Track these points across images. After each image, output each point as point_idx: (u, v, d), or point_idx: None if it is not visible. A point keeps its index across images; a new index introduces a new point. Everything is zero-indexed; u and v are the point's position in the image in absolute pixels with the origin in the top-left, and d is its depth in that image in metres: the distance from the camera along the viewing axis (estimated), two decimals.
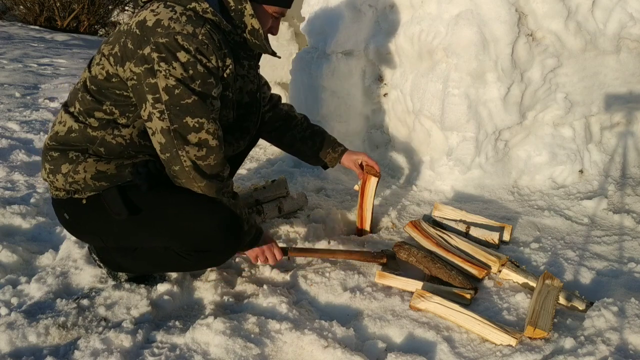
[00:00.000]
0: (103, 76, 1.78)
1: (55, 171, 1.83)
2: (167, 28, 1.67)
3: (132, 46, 1.71)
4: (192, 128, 1.72)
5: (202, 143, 1.74)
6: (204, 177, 1.77)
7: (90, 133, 1.80)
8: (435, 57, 2.91)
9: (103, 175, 1.81)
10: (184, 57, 1.68)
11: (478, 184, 2.92)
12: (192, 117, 1.71)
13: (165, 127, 1.72)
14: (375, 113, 3.32)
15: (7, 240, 2.28)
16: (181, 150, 1.73)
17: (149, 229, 1.85)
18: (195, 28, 1.69)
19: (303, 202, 2.69)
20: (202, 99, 1.72)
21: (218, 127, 1.77)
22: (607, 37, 2.90)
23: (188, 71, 1.68)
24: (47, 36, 8.74)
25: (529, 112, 2.97)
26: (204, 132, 1.73)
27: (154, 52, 1.67)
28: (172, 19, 1.69)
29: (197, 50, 1.68)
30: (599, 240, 2.47)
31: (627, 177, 3.04)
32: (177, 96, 1.69)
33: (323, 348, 1.71)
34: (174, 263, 1.94)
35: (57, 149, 1.84)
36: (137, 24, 1.72)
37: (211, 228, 1.82)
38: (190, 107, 1.70)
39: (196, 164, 1.75)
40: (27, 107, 4.31)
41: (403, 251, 2.22)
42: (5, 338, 1.73)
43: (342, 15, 3.09)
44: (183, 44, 1.67)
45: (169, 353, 1.71)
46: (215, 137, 1.76)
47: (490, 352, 1.74)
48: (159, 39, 1.67)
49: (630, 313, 1.84)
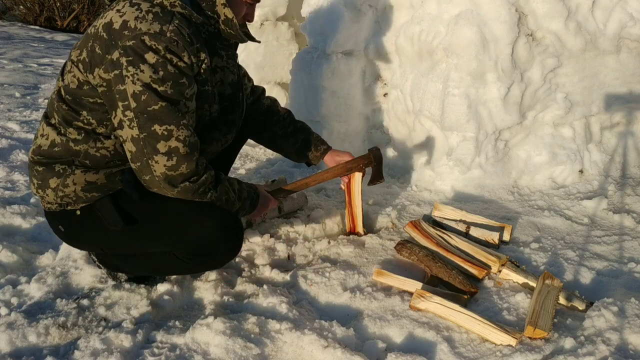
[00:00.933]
0: (75, 84, 1.72)
1: (44, 186, 1.80)
2: (134, 30, 1.61)
3: (100, 51, 1.65)
4: (160, 136, 1.65)
5: (172, 151, 1.67)
6: (175, 186, 1.72)
7: (73, 147, 1.76)
8: (435, 57, 2.91)
9: (93, 186, 1.79)
10: (152, 58, 1.61)
11: (478, 184, 2.92)
12: (161, 124, 1.64)
13: (135, 135, 1.66)
14: (375, 113, 3.32)
15: (7, 240, 2.28)
16: (151, 160, 1.67)
17: (146, 237, 1.85)
18: (163, 25, 1.62)
19: (303, 202, 2.69)
20: (172, 104, 1.65)
21: (190, 134, 1.70)
22: (607, 37, 2.90)
23: (158, 72, 1.62)
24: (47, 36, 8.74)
25: (529, 112, 2.97)
26: (173, 140, 1.66)
27: (122, 57, 1.61)
28: (138, 18, 1.62)
29: (166, 49, 1.61)
30: (599, 240, 2.47)
31: (627, 177, 3.04)
32: (144, 102, 1.62)
33: (323, 348, 1.71)
34: (174, 267, 1.94)
35: (42, 163, 1.80)
36: (104, 26, 1.66)
37: (210, 232, 1.82)
38: (158, 114, 1.63)
39: (167, 174, 1.69)
40: (27, 107, 4.31)
41: (405, 250, 2.22)
42: (5, 338, 1.73)
43: (342, 15, 3.09)
44: (151, 44, 1.60)
45: (169, 353, 1.71)
46: (186, 144, 1.68)
47: (490, 352, 1.74)
48: (126, 42, 1.60)
49: (630, 313, 1.84)
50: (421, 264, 2.16)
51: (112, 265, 2.03)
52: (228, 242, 1.87)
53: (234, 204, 1.88)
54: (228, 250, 1.90)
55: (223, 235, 1.84)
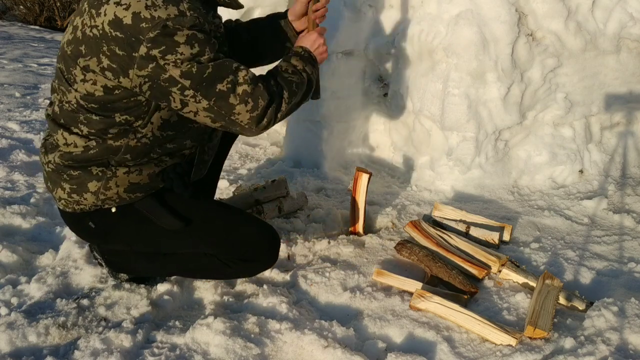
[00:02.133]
0: (101, 91, 1.67)
1: (81, 190, 1.77)
2: (153, 20, 1.56)
3: (123, 52, 1.59)
4: (227, 91, 1.66)
5: (244, 96, 1.68)
6: (264, 118, 1.72)
7: (113, 144, 1.74)
8: (435, 57, 2.91)
9: (137, 187, 1.80)
10: (182, 36, 1.59)
11: (478, 184, 2.92)
12: (221, 81, 1.65)
13: (205, 106, 1.66)
14: (375, 113, 3.32)
15: (7, 240, 2.28)
16: (233, 116, 1.69)
17: (196, 237, 1.86)
18: (178, 6, 1.60)
19: (303, 202, 2.69)
20: (218, 59, 1.66)
21: (245, 72, 1.71)
22: (607, 37, 2.90)
23: (194, 47, 1.61)
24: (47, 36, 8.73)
25: (529, 112, 2.97)
26: (238, 87, 1.67)
27: (153, 49, 1.57)
28: (149, 6, 1.57)
29: (190, 27, 1.60)
30: (599, 240, 2.47)
31: (627, 177, 3.04)
32: (197, 74, 1.62)
33: (323, 348, 1.71)
34: (212, 270, 1.96)
35: (76, 167, 1.76)
36: (112, 25, 1.58)
37: (259, 238, 1.89)
38: (214, 75, 1.64)
39: (253, 117, 1.70)
40: (27, 107, 4.30)
41: (405, 250, 2.22)
42: (5, 338, 1.73)
43: (342, 15, 3.09)
44: (175, 27, 1.58)
45: (169, 353, 1.71)
46: (249, 82, 1.69)
47: (490, 352, 1.75)
48: (150, 34, 1.56)
49: (630, 313, 1.84)
50: (421, 264, 2.16)
51: (118, 266, 2.03)
52: (272, 250, 1.94)
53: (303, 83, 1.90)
54: (271, 257, 1.96)
55: (268, 242, 1.92)
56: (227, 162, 2.53)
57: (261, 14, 4.05)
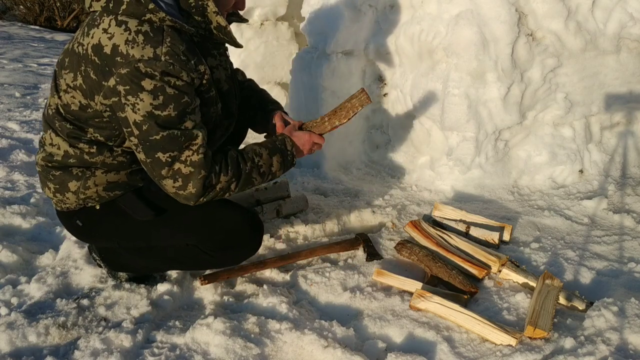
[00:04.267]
0: (77, 106, 1.71)
1: (63, 190, 1.81)
2: (127, 57, 1.56)
3: (96, 77, 1.63)
4: (164, 163, 1.66)
5: (177, 174, 1.68)
6: (190, 200, 1.73)
7: (89, 159, 1.77)
8: (435, 57, 2.91)
9: (115, 185, 1.81)
10: (150, 84, 1.58)
11: (478, 184, 2.92)
12: (164, 152, 1.65)
13: (142, 159, 1.69)
14: (375, 113, 3.32)
15: (7, 240, 2.28)
16: (160, 181, 1.71)
17: (173, 227, 1.87)
18: (155, 49, 1.57)
19: (303, 205, 2.67)
20: (174, 129, 1.63)
21: (194, 153, 1.68)
22: (607, 37, 2.90)
23: (158, 97, 1.59)
24: (47, 36, 8.74)
25: (529, 112, 2.97)
26: (177, 164, 1.66)
27: (119, 85, 1.58)
28: (128, 42, 1.56)
29: (162, 73, 1.58)
30: (599, 240, 2.47)
31: (627, 177, 3.04)
32: (145, 132, 1.62)
33: (323, 348, 1.71)
34: (194, 260, 1.95)
35: (57, 168, 1.81)
36: (94, 49, 1.61)
37: (237, 225, 1.86)
38: (160, 143, 1.63)
39: (178, 194, 1.71)
40: (27, 107, 4.31)
41: (405, 250, 2.22)
42: (5, 338, 1.73)
43: (342, 15, 3.09)
44: (146, 71, 1.57)
45: (169, 353, 1.71)
46: (190, 164, 1.67)
47: (490, 352, 1.74)
48: (121, 69, 1.57)
49: (630, 313, 1.84)
50: (421, 264, 2.16)
51: (115, 264, 2.03)
52: (253, 236, 1.92)
53: (267, 177, 1.85)
54: (252, 244, 1.94)
55: (249, 229, 1.89)
56: None
57: (261, 14, 4.06)
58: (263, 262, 2.15)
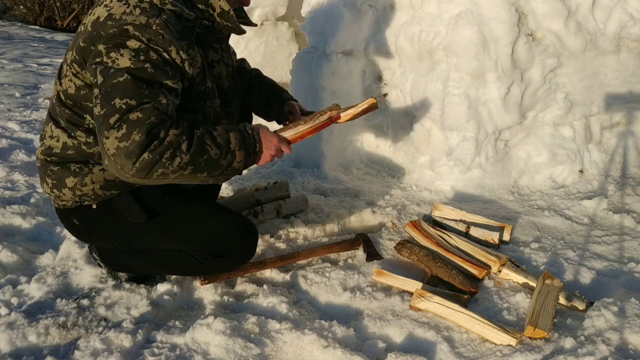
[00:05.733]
0: (73, 89, 1.71)
1: (60, 185, 1.81)
2: (119, 20, 1.58)
3: (85, 44, 1.64)
4: (117, 110, 1.50)
5: (124, 122, 1.49)
6: (133, 160, 1.50)
7: (86, 150, 1.77)
8: (435, 57, 2.91)
9: (112, 184, 1.80)
10: (134, 44, 1.55)
11: (478, 184, 2.92)
12: (121, 98, 1.50)
13: (97, 113, 1.53)
14: (375, 113, 3.31)
15: (7, 240, 2.28)
16: (104, 136, 1.51)
17: (165, 233, 1.85)
18: (149, 18, 1.58)
19: (303, 206, 2.67)
20: (142, 81, 1.53)
21: (153, 109, 1.52)
22: (607, 37, 2.90)
23: (139, 57, 1.53)
24: (47, 36, 8.73)
25: (529, 112, 2.97)
26: (131, 113, 1.50)
27: (102, 45, 1.57)
28: (125, 12, 1.60)
29: (149, 40, 1.56)
30: (599, 240, 2.47)
31: (627, 177, 3.04)
32: (111, 77, 1.53)
33: (323, 348, 1.71)
34: (187, 266, 1.94)
35: (56, 163, 1.81)
36: (92, 22, 1.65)
37: (229, 233, 1.83)
38: (121, 87, 1.50)
39: (119, 147, 1.49)
40: (27, 107, 4.31)
41: (405, 250, 2.22)
42: (5, 338, 1.73)
43: (342, 15, 3.09)
44: (134, 33, 1.55)
45: (169, 353, 1.71)
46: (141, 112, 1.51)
47: (490, 352, 1.74)
48: (110, 30, 1.57)
49: (630, 313, 1.84)
50: (421, 264, 2.16)
51: (115, 264, 2.03)
52: (244, 245, 1.89)
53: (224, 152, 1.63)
54: (244, 253, 1.92)
55: (240, 237, 1.86)
56: None
57: (261, 14, 4.06)
58: (263, 262, 2.15)
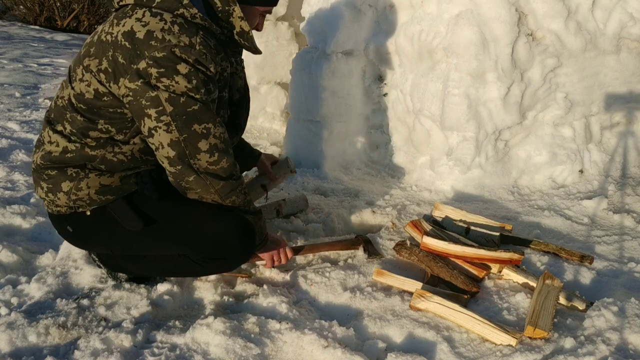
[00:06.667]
0: (91, 94, 1.71)
1: (55, 190, 1.80)
2: (162, 41, 1.62)
3: (124, 61, 1.65)
4: (201, 135, 1.70)
5: (213, 148, 1.72)
6: (220, 179, 1.76)
7: (89, 152, 1.76)
8: (435, 57, 2.91)
9: (108, 189, 1.79)
10: (185, 68, 1.64)
11: (478, 184, 2.92)
12: (199, 123, 1.69)
13: (174, 138, 1.68)
14: (375, 113, 3.32)
15: (7, 240, 2.28)
16: (193, 160, 1.71)
17: (162, 239, 1.85)
18: (191, 38, 1.65)
19: (303, 205, 2.67)
20: (206, 105, 1.71)
21: (224, 130, 1.76)
22: (607, 37, 2.90)
23: (192, 82, 1.65)
24: (47, 36, 8.73)
25: (529, 112, 2.97)
26: (212, 137, 1.71)
27: (152, 68, 1.62)
28: (164, 30, 1.63)
29: (196, 61, 1.65)
30: (599, 240, 2.47)
31: (627, 177, 3.04)
32: (182, 105, 1.66)
33: (323, 348, 1.71)
34: (186, 270, 1.94)
35: (53, 168, 1.80)
36: (125, 35, 1.65)
37: (228, 235, 1.83)
38: (197, 114, 1.68)
39: (209, 169, 1.73)
40: (27, 107, 4.30)
41: (404, 250, 2.22)
42: (5, 338, 1.73)
43: (342, 15, 3.09)
44: (182, 56, 1.63)
45: (169, 353, 1.71)
46: (222, 140, 1.74)
47: (490, 352, 1.74)
48: (155, 53, 1.62)
49: (630, 313, 1.84)
50: (421, 264, 2.16)
51: (114, 265, 2.03)
52: (244, 246, 1.89)
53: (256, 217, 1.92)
54: (243, 254, 1.92)
55: (239, 238, 1.86)
56: None
57: None
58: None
